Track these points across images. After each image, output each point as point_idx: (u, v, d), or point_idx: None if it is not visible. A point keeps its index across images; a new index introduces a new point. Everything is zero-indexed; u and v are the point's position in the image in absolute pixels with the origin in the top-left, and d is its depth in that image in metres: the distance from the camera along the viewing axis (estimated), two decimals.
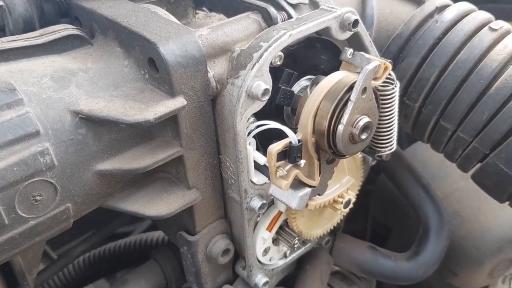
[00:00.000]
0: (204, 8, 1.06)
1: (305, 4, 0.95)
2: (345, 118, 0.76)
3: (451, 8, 1.01)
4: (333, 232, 1.11)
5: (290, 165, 0.79)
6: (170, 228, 0.95)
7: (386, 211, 1.52)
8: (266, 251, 0.96)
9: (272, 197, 0.87)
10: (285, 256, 1.02)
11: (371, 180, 1.46)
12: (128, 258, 1.29)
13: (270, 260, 0.99)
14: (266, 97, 0.75)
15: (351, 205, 0.94)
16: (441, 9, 1.01)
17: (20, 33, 0.87)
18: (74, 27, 0.83)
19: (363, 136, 0.79)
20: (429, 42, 0.97)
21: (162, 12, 0.86)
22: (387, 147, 0.93)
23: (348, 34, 0.83)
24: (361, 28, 0.85)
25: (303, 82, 0.87)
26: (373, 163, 1.01)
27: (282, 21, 0.85)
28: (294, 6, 0.93)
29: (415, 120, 1.02)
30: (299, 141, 0.77)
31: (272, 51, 0.75)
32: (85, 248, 1.19)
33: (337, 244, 1.13)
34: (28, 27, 0.89)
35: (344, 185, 0.93)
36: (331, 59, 0.89)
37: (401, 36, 1.00)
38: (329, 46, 0.89)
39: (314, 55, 0.88)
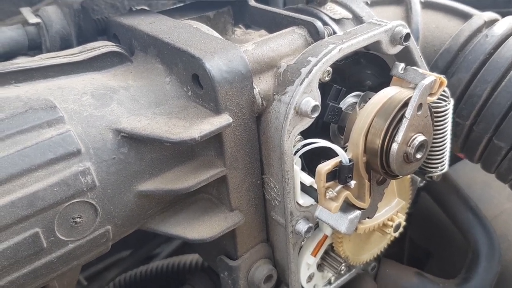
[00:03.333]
0: (240, 26, 1.03)
1: (348, 19, 0.92)
2: (399, 136, 0.72)
3: (501, 22, 0.96)
4: (378, 258, 1.05)
5: (339, 186, 0.74)
6: (209, 252, 0.90)
7: (427, 234, 1.45)
8: (310, 278, 0.91)
9: (317, 220, 0.82)
10: (329, 283, 0.96)
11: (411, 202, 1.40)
12: (160, 283, 1.25)
13: (314, 287, 0.93)
14: (316, 114, 0.71)
15: (401, 229, 0.89)
16: (490, 23, 0.97)
17: (57, 50, 0.86)
18: (114, 44, 0.81)
19: (418, 156, 0.74)
20: (479, 57, 0.92)
21: (205, 28, 0.83)
22: (438, 167, 0.88)
23: (398, 48, 0.79)
24: (412, 42, 0.81)
25: (350, 99, 0.83)
26: (421, 184, 0.96)
27: (328, 36, 0.81)
28: (337, 21, 0.90)
29: (465, 138, 0.97)
30: (350, 160, 0.72)
31: (322, 66, 0.71)
32: (117, 272, 1.15)
33: (382, 270, 1.07)
34: (65, 45, 0.88)
35: (394, 207, 0.88)
36: (378, 74, 0.85)
37: (449, 51, 0.96)
38: (376, 61, 0.85)
39: (360, 71, 0.85)
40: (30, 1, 1.04)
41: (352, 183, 0.74)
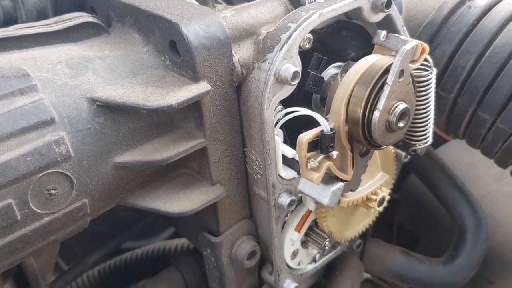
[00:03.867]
0: (220, 1, 1.01)
1: None
2: (381, 104, 0.70)
3: None
4: (364, 236, 1.04)
5: (321, 156, 0.73)
6: (192, 229, 0.89)
7: (414, 218, 1.45)
8: (294, 254, 0.89)
9: (300, 194, 0.81)
10: (314, 260, 0.95)
11: (397, 188, 1.39)
12: (145, 268, 1.23)
13: (298, 264, 0.92)
14: (296, 81, 0.70)
15: (385, 203, 0.88)
16: None
17: None
18: (90, 15, 0.79)
19: (401, 124, 0.73)
20: (463, 28, 0.91)
21: None
22: (422, 139, 0.87)
23: (380, 16, 0.78)
24: (394, 10, 0.79)
25: (332, 69, 0.81)
26: (406, 159, 0.95)
27: (309, 3, 0.79)
28: None
29: (449, 112, 0.96)
30: (331, 129, 0.71)
31: (302, 30, 0.70)
32: (99, 257, 1.13)
33: (369, 248, 1.06)
34: (41, 18, 0.85)
35: (378, 181, 0.87)
36: (361, 45, 0.84)
37: (432, 23, 0.95)
38: (358, 32, 0.84)
39: (342, 40, 0.83)
40: None
41: (334, 153, 0.73)
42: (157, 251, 1.22)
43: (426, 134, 0.86)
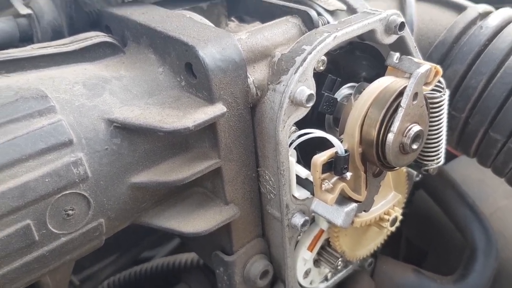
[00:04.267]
0: (233, 18, 1.02)
1: (342, 10, 0.91)
2: (395, 126, 0.71)
3: (495, 14, 0.96)
4: (374, 254, 1.04)
5: (335, 178, 0.73)
6: (205, 248, 0.89)
7: (423, 233, 1.45)
8: (307, 273, 0.90)
9: (313, 214, 0.81)
10: (326, 279, 0.95)
11: (405, 202, 1.39)
12: (155, 282, 1.23)
13: (311, 283, 0.92)
14: (311, 103, 0.70)
15: (397, 223, 0.88)
16: (484, 15, 0.97)
17: (49, 42, 0.85)
18: (106, 34, 0.80)
19: (414, 146, 0.74)
20: (474, 48, 0.92)
21: (198, 17, 0.82)
22: (434, 160, 0.87)
23: (393, 37, 0.79)
24: (407, 32, 0.80)
25: (345, 90, 0.82)
26: (417, 178, 0.95)
27: (323, 26, 0.80)
28: (331, 12, 0.90)
29: (461, 132, 0.96)
30: (345, 151, 0.71)
31: (317, 54, 0.70)
32: (110, 272, 1.14)
33: (379, 266, 1.06)
34: (56, 36, 0.86)
35: (390, 201, 0.87)
36: (373, 65, 0.85)
37: (444, 43, 0.95)
38: (370, 52, 0.84)
39: (355, 61, 0.84)
40: None
41: (348, 174, 0.73)
42: (166, 265, 1.22)
43: (439, 154, 0.86)
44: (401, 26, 0.77)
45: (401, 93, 0.71)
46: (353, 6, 0.90)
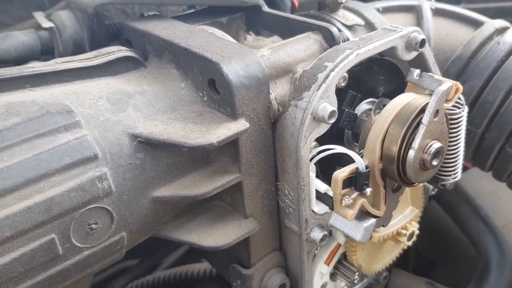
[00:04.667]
0: (251, 32, 1.03)
1: (360, 25, 0.92)
2: (416, 143, 0.71)
3: None
4: (389, 267, 1.04)
5: (356, 193, 0.74)
6: (221, 260, 0.89)
7: (432, 244, 1.45)
8: (323, 287, 0.90)
9: (331, 228, 0.82)
10: None
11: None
12: None
13: None
14: (333, 120, 0.71)
15: (414, 238, 0.88)
16: (501, 31, 0.98)
17: (70, 55, 0.85)
18: (128, 49, 0.81)
19: (435, 163, 0.74)
20: (492, 64, 0.92)
21: (220, 33, 0.83)
22: (451, 175, 0.87)
23: (413, 54, 0.79)
24: (426, 49, 0.81)
25: (364, 105, 0.83)
26: (433, 192, 0.95)
27: (342, 42, 0.81)
28: (350, 27, 0.91)
29: (477, 146, 0.97)
30: (366, 167, 0.72)
31: (339, 71, 0.71)
32: (124, 282, 1.14)
33: (393, 279, 1.06)
34: (77, 49, 0.87)
35: (408, 216, 0.87)
36: (391, 80, 0.85)
37: (461, 58, 0.96)
38: (388, 67, 0.85)
39: (373, 77, 0.84)
40: (41, 6, 1.04)
41: (368, 190, 0.73)
42: (179, 275, 1.23)
43: (456, 169, 0.86)
44: (422, 43, 0.77)
45: (422, 110, 0.72)
46: (371, 21, 0.91)
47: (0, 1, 1.05)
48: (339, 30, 0.87)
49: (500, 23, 0.98)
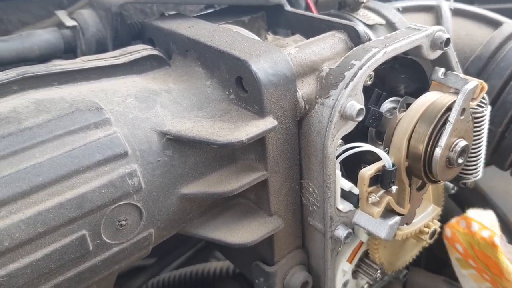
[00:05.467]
0: (269, 32, 1.03)
1: (381, 25, 0.92)
2: (443, 141, 0.72)
3: None
4: (407, 265, 1.05)
5: (382, 191, 0.74)
6: (243, 257, 0.90)
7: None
8: (345, 285, 0.90)
9: (355, 226, 0.82)
10: None
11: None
12: None
13: None
14: (361, 117, 0.71)
15: (436, 236, 0.88)
16: None
17: (92, 53, 0.86)
18: (153, 47, 0.81)
19: (460, 161, 0.74)
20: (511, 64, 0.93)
21: (245, 31, 0.83)
22: (473, 173, 0.88)
23: (438, 53, 0.79)
24: (450, 48, 0.81)
25: (388, 104, 0.83)
26: (453, 191, 0.95)
27: (367, 41, 0.81)
28: (371, 27, 0.91)
29: (496, 145, 0.97)
30: (393, 165, 0.72)
31: (367, 69, 0.71)
32: (143, 279, 1.14)
33: (411, 278, 1.06)
34: (100, 48, 0.88)
35: (430, 214, 0.87)
36: (413, 79, 0.85)
37: (480, 58, 0.96)
38: (411, 66, 0.85)
39: (396, 76, 0.85)
40: (59, 5, 1.04)
41: (394, 188, 0.74)
42: (195, 273, 1.23)
43: (478, 168, 0.87)
44: (447, 42, 0.78)
45: (449, 108, 0.72)
46: (391, 21, 0.91)
47: (19, 0, 1.05)
48: None
49: None
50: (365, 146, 0.73)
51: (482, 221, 0.86)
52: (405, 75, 0.86)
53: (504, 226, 1.08)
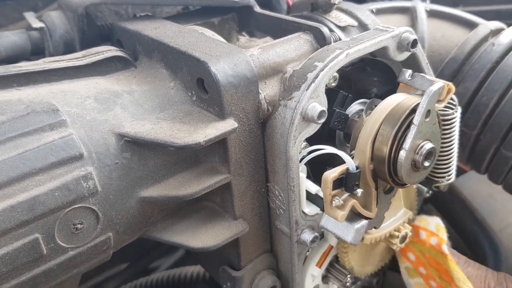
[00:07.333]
0: (244, 33, 1.03)
1: (353, 26, 0.91)
2: (407, 144, 0.70)
3: (507, 31, 0.96)
4: (382, 270, 1.03)
5: (346, 194, 0.73)
6: (212, 262, 0.88)
7: None
8: None
9: (323, 230, 0.81)
10: None
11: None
12: None
13: None
14: (322, 120, 0.70)
15: (407, 240, 0.87)
16: (496, 32, 0.97)
17: (61, 55, 0.85)
18: (118, 48, 0.80)
19: (426, 164, 0.73)
20: (486, 65, 0.91)
21: (210, 33, 0.83)
22: (445, 177, 0.86)
23: (405, 54, 0.78)
24: (419, 49, 0.80)
25: (356, 106, 0.82)
26: (428, 194, 0.94)
27: (334, 42, 0.80)
28: (343, 28, 0.90)
29: (472, 148, 0.95)
30: (357, 167, 0.71)
31: (329, 70, 0.70)
32: (117, 283, 1.13)
33: (387, 283, 1.04)
34: (68, 50, 0.87)
35: (400, 218, 0.86)
36: (384, 81, 0.84)
37: (455, 59, 0.95)
38: (381, 68, 0.84)
39: (366, 78, 0.84)
40: (34, 7, 1.03)
41: (359, 191, 0.72)
42: (172, 277, 1.22)
43: (450, 171, 0.85)
44: (414, 43, 0.76)
45: (413, 110, 0.71)
46: (364, 22, 0.90)
47: None
48: (331, 31, 0.86)
49: (495, 24, 0.97)
50: (328, 149, 0.72)
51: (428, 228, 0.85)
52: (376, 77, 0.85)
53: (481, 230, 1.07)
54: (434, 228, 0.86)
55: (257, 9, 0.90)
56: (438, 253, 0.83)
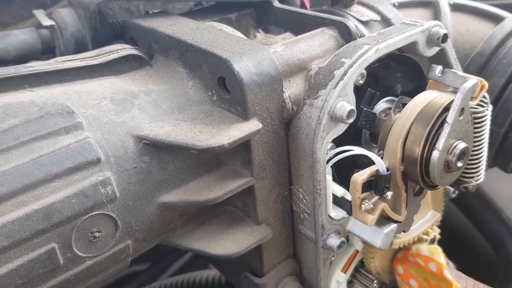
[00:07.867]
0: (260, 30, 0.99)
1: (376, 21, 0.88)
2: (441, 143, 0.67)
3: None
4: None
5: (376, 197, 0.69)
6: (232, 268, 0.85)
7: (448, 248, 1.40)
8: None
9: (349, 234, 0.77)
10: None
11: None
12: None
13: None
14: (351, 119, 0.66)
15: (435, 243, 0.83)
16: None
17: (72, 54, 0.81)
18: (132, 47, 0.77)
19: (459, 164, 0.70)
20: None
21: (229, 29, 0.79)
22: (474, 177, 0.82)
23: (435, 50, 0.75)
24: (448, 44, 0.76)
25: (382, 104, 0.78)
26: (454, 195, 0.90)
27: (360, 37, 0.76)
28: (365, 23, 0.86)
29: (499, 146, 0.92)
30: (387, 169, 0.67)
31: (358, 67, 0.66)
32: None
33: None
34: (79, 48, 0.83)
35: (429, 220, 0.82)
36: (410, 78, 0.81)
37: (481, 54, 0.91)
38: (407, 64, 0.80)
39: (391, 74, 0.80)
40: (42, 5, 1.00)
41: (389, 194, 0.69)
42: (186, 282, 1.18)
43: (479, 171, 0.81)
44: (444, 38, 0.73)
45: (446, 108, 0.67)
46: (387, 17, 0.87)
47: (0, 1, 1.02)
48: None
49: None
50: (357, 150, 0.68)
51: (422, 253, 0.80)
52: (401, 73, 0.81)
53: (508, 230, 1.03)
54: (428, 252, 0.81)
55: (277, 4, 0.86)
56: (442, 280, 0.79)
